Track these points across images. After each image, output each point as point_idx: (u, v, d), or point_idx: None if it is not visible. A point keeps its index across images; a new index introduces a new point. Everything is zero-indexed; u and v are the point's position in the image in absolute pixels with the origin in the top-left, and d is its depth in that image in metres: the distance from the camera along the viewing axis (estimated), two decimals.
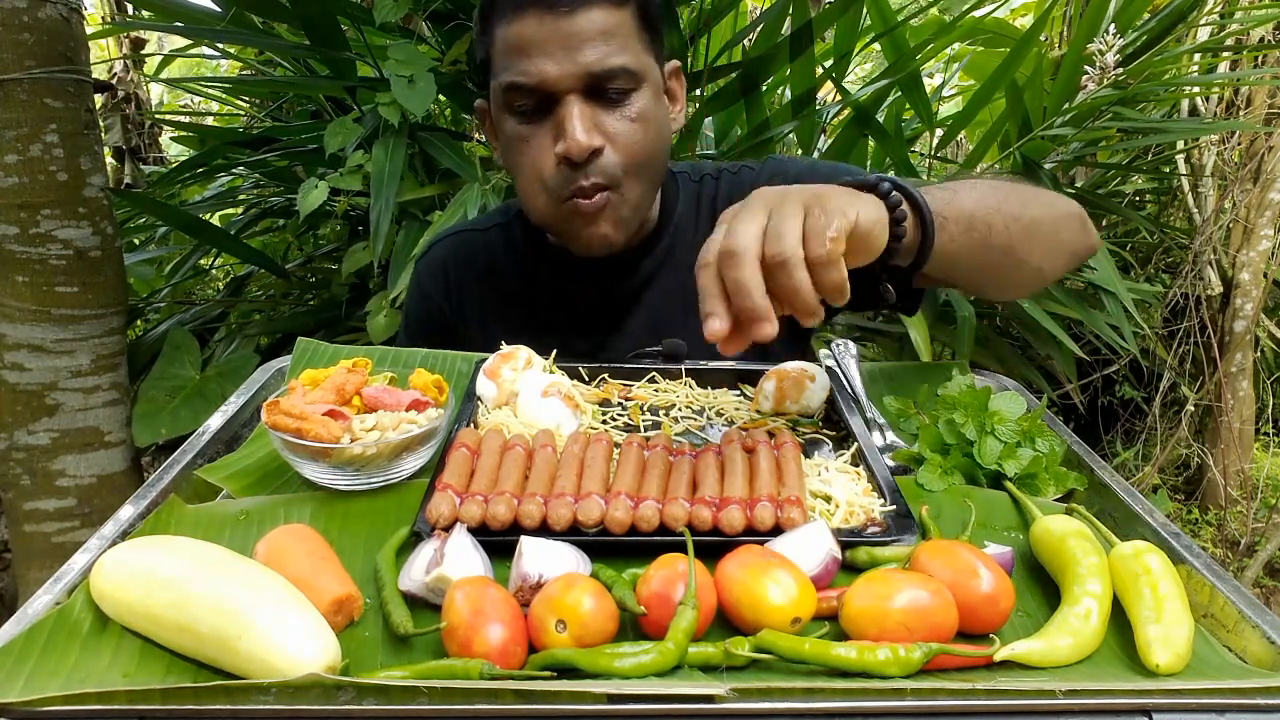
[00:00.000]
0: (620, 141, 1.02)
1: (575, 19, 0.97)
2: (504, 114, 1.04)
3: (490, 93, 1.07)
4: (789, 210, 0.71)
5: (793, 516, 0.72)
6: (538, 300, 1.24)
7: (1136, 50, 2.16)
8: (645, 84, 1.03)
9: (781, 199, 0.73)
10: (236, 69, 3.56)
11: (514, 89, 1.00)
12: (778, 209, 0.71)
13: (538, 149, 1.03)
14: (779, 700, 0.56)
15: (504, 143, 1.08)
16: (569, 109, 0.99)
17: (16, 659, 0.59)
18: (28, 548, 2.11)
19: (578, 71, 0.98)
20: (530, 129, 1.02)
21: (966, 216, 0.89)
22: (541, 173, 1.03)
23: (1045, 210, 0.98)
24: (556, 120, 1.00)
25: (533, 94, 1.00)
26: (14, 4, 1.84)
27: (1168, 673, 0.60)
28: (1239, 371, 2.91)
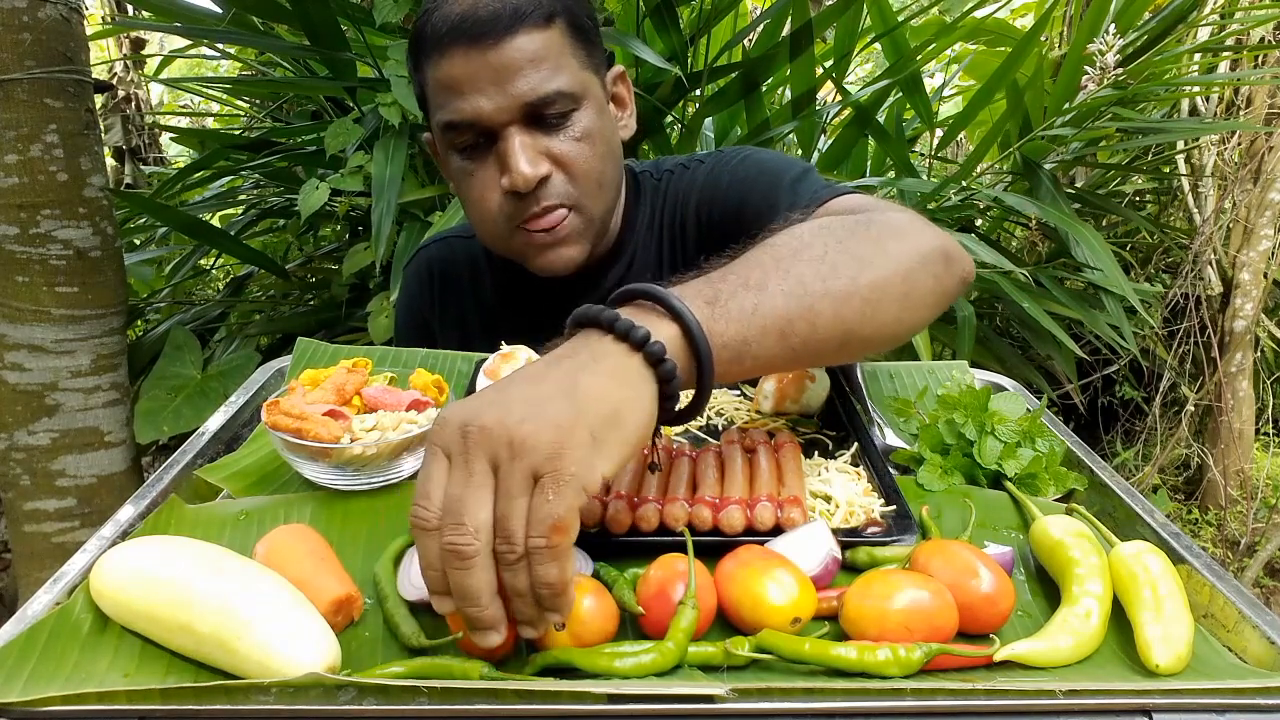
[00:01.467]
0: (568, 164, 0.99)
1: (502, 50, 0.93)
2: (448, 151, 1.03)
3: (434, 129, 1.05)
4: (517, 476, 0.53)
5: (793, 516, 0.72)
6: (509, 308, 1.24)
7: (1137, 50, 2.16)
8: (586, 101, 1.00)
9: (511, 450, 0.53)
10: (237, 69, 3.56)
11: (451, 128, 0.98)
12: (506, 469, 0.53)
13: (483, 183, 1.01)
14: (779, 700, 0.56)
15: (451, 176, 1.07)
16: (509, 142, 0.96)
17: (16, 659, 0.59)
18: (28, 548, 2.11)
19: (512, 105, 0.94)
20: (474, 164, 1.00)
21: (777, 326, 0.66)
22: (490, 206, 1.01)
23: (891, 266, 0.74)
24: (499, 154, 0.98)
25: (470, 130, 0.97)
26: (14, 4, 1.84)
27: (1168, 673, 0.60)
28: (1239, 371, 2.91)
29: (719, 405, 1.03)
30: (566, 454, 0.53)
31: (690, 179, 1.17)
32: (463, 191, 1.05)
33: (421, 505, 0.54)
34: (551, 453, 0.52)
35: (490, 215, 1.02)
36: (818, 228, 0.76)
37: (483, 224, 1.05)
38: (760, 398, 1.00)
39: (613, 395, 0.56)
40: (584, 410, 0.55)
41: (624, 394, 0.57)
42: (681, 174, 1.20)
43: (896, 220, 0.80)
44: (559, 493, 0.52)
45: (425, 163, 2.09)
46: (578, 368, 0.58)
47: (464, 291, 1.27)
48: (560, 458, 0.52)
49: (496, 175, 0.99)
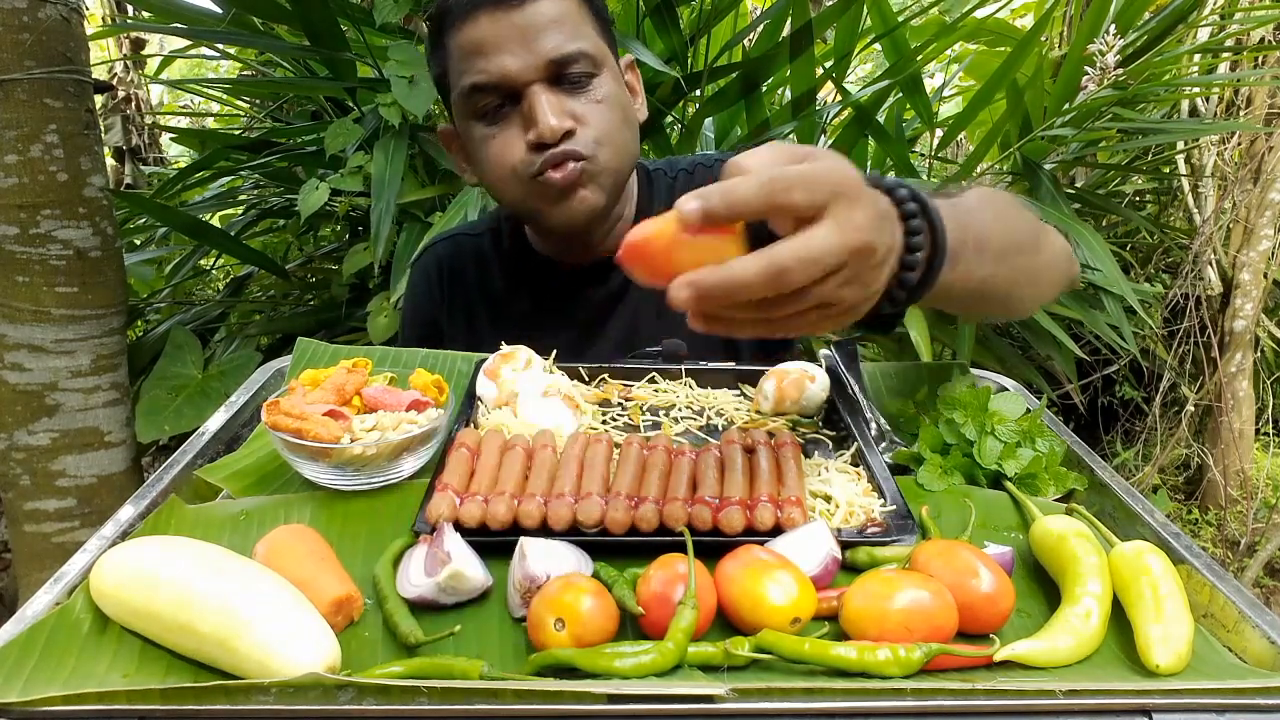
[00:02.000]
0: (590, 122, 1.02)
1: (526, 11, 0.97)
2: (469, 121, 1.04)
3: (453, 106, 1.06)
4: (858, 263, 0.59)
5: (793, 516, 0.72)
6: (517, 307, 1.24)
7: (1137, 51, 2.16)
8: (605, 69, 1.03)
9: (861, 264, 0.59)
10: (237, 70, 3.57)
11: (477, 90, 1.00)
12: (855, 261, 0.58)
13: (505, 142, 1.02)
14: (779, 700, 0.56)
15: (472, 150, 1.08)
16: (535, 98, 0.99)
17: (16, 659, 0.59)
18: (28, 548, 2.11)
19: (538, 61, 0.98)
20: (497, 128, 1.02)
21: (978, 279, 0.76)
22: (511, 161, 1.02)
23: (1049, 254, 0.91)
24: (523, 112, 1.00)
25: (496, 90, 1.00)
26: (14, 4, 1.84)
27: (1168, 673, 0.60)
28: (1239, 371, 2.91)
29: (719, 405, 1.03)
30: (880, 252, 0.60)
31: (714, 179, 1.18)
32: (482, 156, 1.05)
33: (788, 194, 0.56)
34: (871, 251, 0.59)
35: (511, 170, 1.03)
36: (1015, 207, 0.88)
37: (502, 182, 1.05)
38: (760, 398, 1.00)
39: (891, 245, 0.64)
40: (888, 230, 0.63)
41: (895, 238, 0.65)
42: (703, 173, 1.22)
43: (1036, 218, 0.93)
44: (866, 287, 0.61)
45: (425, 163, 2.09)
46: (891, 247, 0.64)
47: (471, 287, 1.27)
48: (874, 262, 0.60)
49: (519, 134, 1.01)
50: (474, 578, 0.66)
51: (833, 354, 1.11)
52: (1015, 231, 0.84)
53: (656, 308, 1.19)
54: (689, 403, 1.03)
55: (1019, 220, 0.86)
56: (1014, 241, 0.83)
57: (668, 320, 1.18)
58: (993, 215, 0.82)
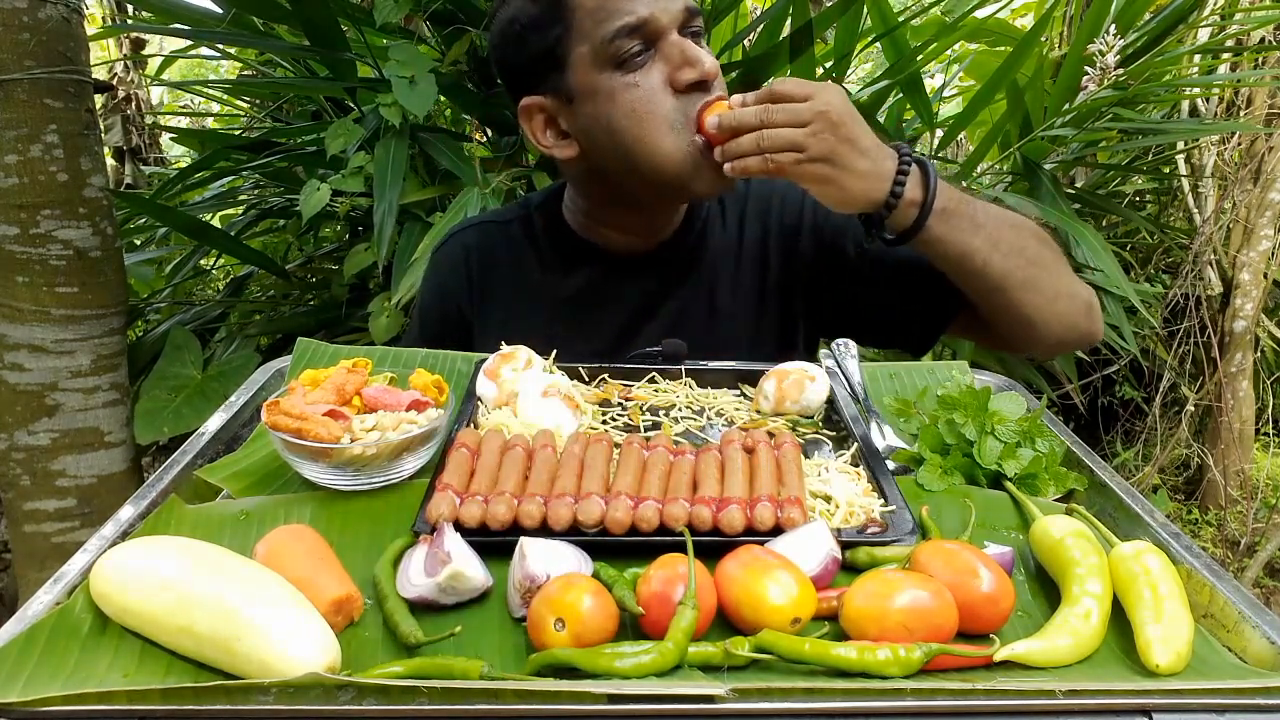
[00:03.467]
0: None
1: None
2: (606, 71, 1.03)
3: (571, 66, 1.05)
4: (821, 123, 0.93)
5: (793, 516, 0.72)
6: (560, 294, 1.23)
7: (1137, 51, 2.16)
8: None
9: (826, 114, 0.92)
10: (237, 70, 3.57)
11: (623, 33, 1.01)
12: (821, 121, 0.92)
13: (649, 90, 1.03)
14: (779, 700, 0.56)
15: (599, 105, 1.05)
16: (682, 42, 1.02)
17: (16, 659, 0.59)
18: (28, 548, 2.11)
19: (677, 8, 1.02)
20: (637, 76, 1.03)
21: (967, 246, 1.00)
22: (663, 110, 1.03)
23: (1057, 278, 1.07)
24: (667, 57, 1.02)
25: (641, 33, 1.01)
26: (14, 4, 1.84)
27: (1168, 673, 0.60)
28: (1239, 371, 2.91)
29: (719, 405, 1.03)
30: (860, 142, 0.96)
31: (782, 184, 1.23)
32: (621, 107, 1.04)
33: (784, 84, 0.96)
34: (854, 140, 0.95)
35: (665, 120, 1.03)
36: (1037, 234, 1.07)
37: (655, 134, 1.04)
38: (760, 398, 1.00)
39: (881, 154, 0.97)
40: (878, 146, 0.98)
41: (885, 155, 0.98)
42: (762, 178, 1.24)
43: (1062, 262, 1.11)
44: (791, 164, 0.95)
45: (425, 163, 2.09)
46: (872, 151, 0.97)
47: (506, 274, 1.26)
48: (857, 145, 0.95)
49: (662, 81, 1.03)
50: (474, 578, 0.66)
51: (833, 354, 1.11)
52: (1019, 238, 1.03)
53: (708, 300, 1.21)
54: (689, 403, 1.03)
55: (1031, 238, 1.05)
56: (1014, 242, 1.02)
57: (719, 300, 1.20)
58: (1000, 216, 1.03)
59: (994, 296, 1.04)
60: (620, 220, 1.19)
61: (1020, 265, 1.02)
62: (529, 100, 1.11)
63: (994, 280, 1.02)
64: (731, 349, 1.14)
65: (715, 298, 1.21)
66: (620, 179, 1.09)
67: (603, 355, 1.14)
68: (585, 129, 1.08)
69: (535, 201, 1.28)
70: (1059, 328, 1.08)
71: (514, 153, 2.14)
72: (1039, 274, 1.04)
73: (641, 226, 1.19)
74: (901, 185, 0.95)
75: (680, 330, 1.15)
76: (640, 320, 1.21)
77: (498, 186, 1.88)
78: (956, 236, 0.99)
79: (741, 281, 1.22)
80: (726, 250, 1.22)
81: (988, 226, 1.01)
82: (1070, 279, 1.09)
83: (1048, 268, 1.05)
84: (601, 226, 1.20)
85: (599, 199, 1.18)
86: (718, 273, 1.21)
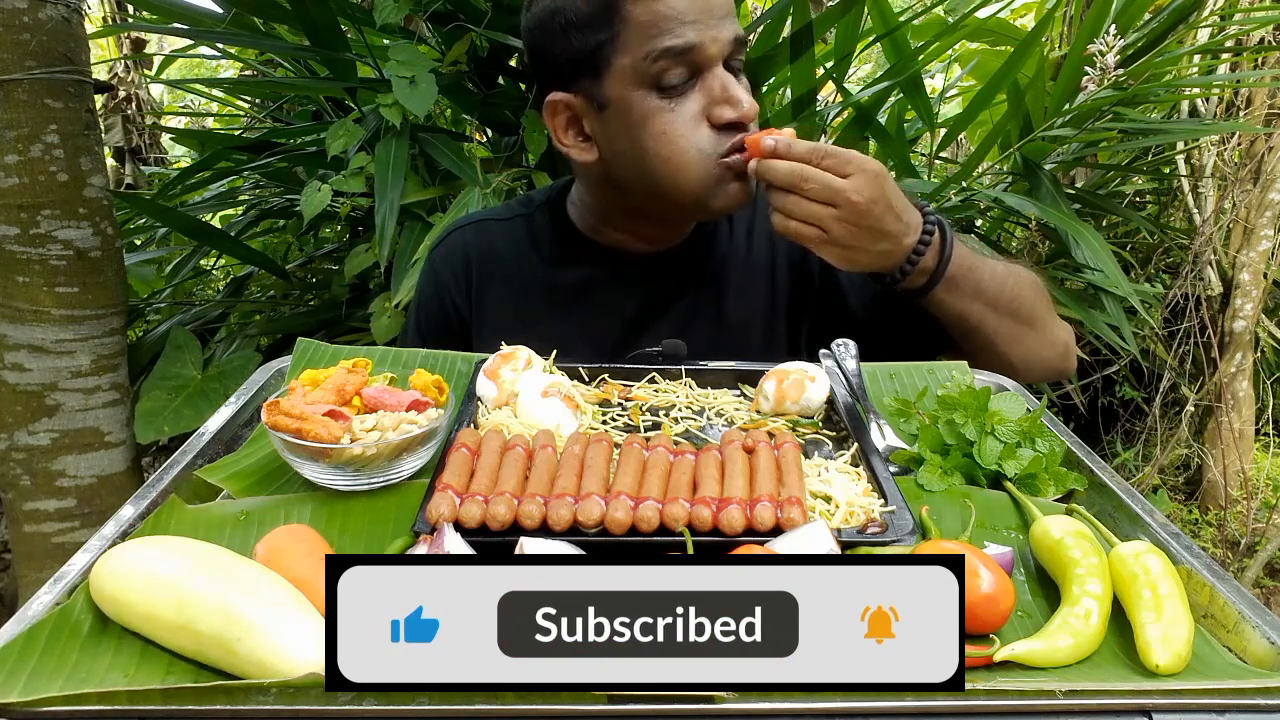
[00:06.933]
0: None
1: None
2: (641, 90, 1.03)
3: (611, 74, 1.03)
4: (851, 211, 0.95)
5: (793, 516, 0.72)
6: (562, 294, 1.22)
7: (1137, 51, 2.16)
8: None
9: (855, 205, 0.95)
10: (237, 70, 3.57)
11: (669, 55, 1.00)
12: (848, 208, 0.95)
13: (684, 118, 1.03)
14: (779, 700, 0.56)
15: (633, 121, 1.05)
16: (726, 78, 1.02)
17: (16, 659, 0.59)
18: (28, 548, 2.11)
19: (726, 39, 1.02)
20: (674, 103, 1.03)
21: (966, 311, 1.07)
22: (695, 141, 1.03)
23: (1042, 333, 1.15)
24: (708, 90, 1.02)
25: (685, 60, 1.01)
26: (14, 4, 1.84)
27: (1168, 673, 0.60)
28: (1239, 372, 2.91)
29: (719, 405, 1.03)
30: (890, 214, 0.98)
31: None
32: (654, 130, 1.04)
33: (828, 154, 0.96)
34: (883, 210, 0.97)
35: (695, 149, 1.03)
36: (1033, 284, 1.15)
37: (683, 161, 1.04)
38: (760, 398, 1.00)
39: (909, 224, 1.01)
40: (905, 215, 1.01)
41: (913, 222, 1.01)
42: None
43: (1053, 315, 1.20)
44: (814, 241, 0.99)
45: (426, 163, 2.09)
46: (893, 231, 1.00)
47: (508, 272, 1.25)
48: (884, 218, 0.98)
49: (697, 112, 1.03)
50: None
51: (833, 354, 1.11)
52: (1016, 299, 1.10)
53: (714, 301, 1.21)
54: (689, 403, 1.03)
55: (1026, 296, 1.12)
56: (1011, 304, 1.10)
57: (724, 307, 1.21)
58: (1004, 279, 1.09)
59: (981, 349, 1.13)
60: (630, 225, 1.19)
61: (1010, 326, 1.10)
62: (557, 96, 1.09)
63: (984, 339, 1.10)
64: (740, 358, 1.13)
65: (722, 304, 1.21)
66: (637, 192, 1.10)
67: (603, 357, 1.13)
68: (610, 139, 1.08)
69: (539, 199, 1.27)
70: (1037, 373, 1.20)
71: (514, 153, 2.14)
72: (1026, 332, 1.12)
73: (651, 233, 1.20)
74: (914, 262, 1.00)
75: (683, 336, 1.15)
76: (642, 323, 1.21)
77: (498, 187, 1.88)
78: (957, 303, 1.06)
79: (749, 293, 1.22)
80: (734, 259, 1.22)
81: (989, 291, 1.07)
82: (1053, 328, 1.17)
83: (1035, 324, 1.13)
84: (609, 228, 1.20)
85: (611, 204, 1.18)
86: (724, 280, 1.21)
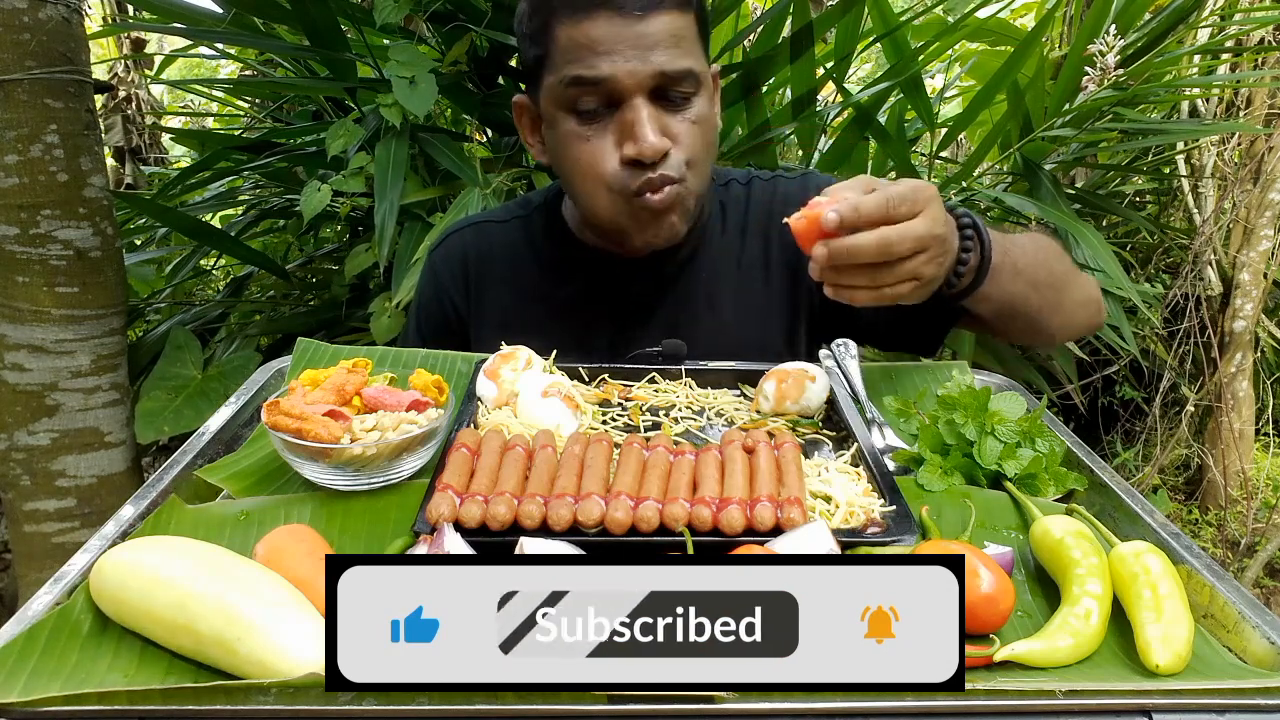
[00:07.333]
0: (683, 142, 1.03)
1: (648, 22, 0.97)
2: (561, 112, 1.04)
3: (543, 89, 1.05)
4: (937, 247, 0.84)
5: (793, 516, 0.72)
6: (558, 296, 1.23)
7: (1137, 51, 2.16)
8: (703, 88, 1.04)
9: (935, 249, 0.84)
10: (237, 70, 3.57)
11: (580, 84, 0.99)
12: (935, 244, 0.83)
13: (598, 148, 1.02)
14: (779, 700, 0.56)
15: (557, 140, 1.06)
16: (638, 112, 0.99)
17: (16, 659, 0.59)
18: (28, 548, 2.11)
19: (649, 72, 0.98)
20: (591, 129, 1.02)
21: (1011, 294, 1.00)
22: (603, 173, 1.02)
23: (1079, 295, 1.10)
24: (622, 122, 1.00)
25: (598, 91, 0.99)
26: (14, 4, 1.84)
27: (1168, 673, 0.60)
28: (1239, 372, 2.91)
29: (719, 405, 1.03)
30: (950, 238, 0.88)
31: (782, 193, 1.23)
32: (570, 154, 1.05)
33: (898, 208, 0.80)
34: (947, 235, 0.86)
35: (603, 182, 1.03)
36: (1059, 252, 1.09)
37: (593, 191, 1.05)
38: (760, 398, 1.00)
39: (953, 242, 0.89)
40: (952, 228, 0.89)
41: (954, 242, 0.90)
42: (765, 186, 1.24)
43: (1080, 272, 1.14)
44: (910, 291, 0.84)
45: (426, 163, 2.09)
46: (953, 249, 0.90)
47: (503, 275, 1.25)
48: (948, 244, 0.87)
49: (613, 143, 1.01)
50: None
51: (833, 354, 1.11)
52: (1049, 268, 1.04)
53: (706, 300, 1.21)
54: (689, 403, 1.03)
55: (1055, 262, 1.06)
56: (1047, 275, 1.04)
57: (717, 308, 1.20)
58: (1034, 251, 1.03)
59: (1023, 329, 1.09)
60: (604, 234, 1.19)
61: (1049, 295, 1.05)
62: (520, 98, 1.13)
63: (1028, 317, 1.05)
64: (736, 358, 1.13)
65: (715, 303, 1.21)
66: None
67: (599, 358, 1.13)
68: (549, 151, 1.11)
69: (536, 201, 1.28)
70: (1073, 334, 1.18)
71: (514, 153, 2.14)
72: (1062, 299, 1.07)
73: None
74: (964, 262, 0.91)
75: (679, 336, 1.15)
76: (637, 325, 1.21)
77: (498, 187, 1.88)
78: (1004, 290, 0.98)
79: (744, 291, 1.21)
80: (726, 257, 1.22)
81: (1026, 270, 1.00)
82: (1083, 286, 1.12)
83: (1069, 288, 1.08)
84: (588, 231, 1.20)
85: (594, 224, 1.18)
86: (717, 279, 1.21)
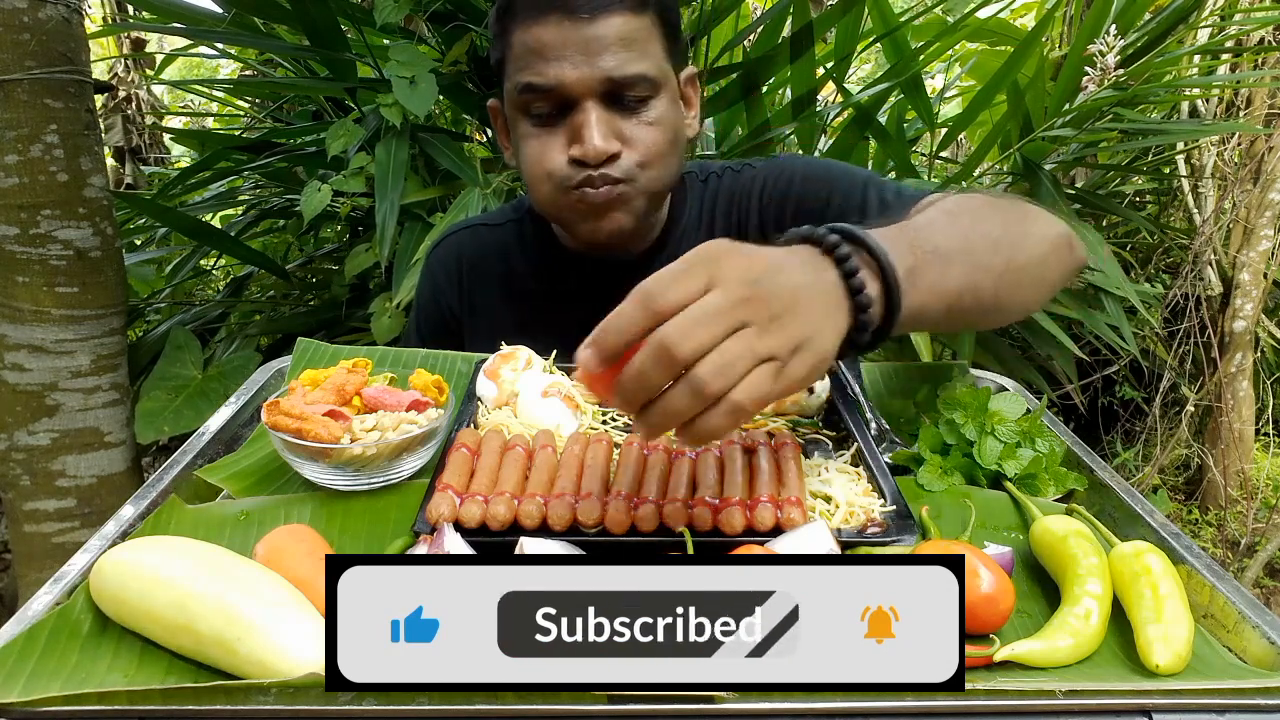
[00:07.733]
0: (635, 146, 1.02)
1: (596, 25, 0.97)
2: (516, 113, 1.05)
3: (504, 93, 1.07)
4: (762, 320, 0.57)
5: (793, 516, 0.72)
6: (547, 299, 1.23)
7: (1137, 51, 2.16)
8: (663, 91, 1.03)
9: (759, 311, 0.57)
10: (237, 70, 3.57)
11: (530, 90, 1.00)
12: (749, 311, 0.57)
13: (549, 146, 1.03)
14: (779, 700, 0.56)
15: (517, 141, 1.08)
16: (586, 115, 0.99)
17: (16, 659, 0.59)
18: (28, 548, 2.11)
19: (597, 77, 0.98)
20: (543, 131, 1.03)
21: (947, 301, 0.73)
22: (551, 168, 1.03)
23: (1035, 249, 0.84)
24: (572, 125, 1.00)
25: (549, 97, 1.00)
26: (14, 4, 1.84)
27: (1168, 673, 0.60)
28: (1239, 372, 2.91)
29: None
30: (798, 318, 0.58)
31: (747, 180, 1.21)
32: (522, 151, 1.06)
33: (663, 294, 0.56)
34: (789, 320, 0.58)
35: (549, 176, 1.03)
36: (988, 205, 0.84)
37: (537, 182, 1.06)
38: None
39: (827, 312, 0.62)
40: (811, 295, 0.60)
41: (832, 308, 0.62)
42: (734, 177, 1.23)
43: (1031, 207, 0.90)
44: (773, 380, 0.57)
45: (426, 163, 2.09)
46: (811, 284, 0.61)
47: (494, 278, 1.26)
48: (793, 331, 0.58)
49: (563, 144, 1.02)
50: None
51: None
52: (984, 233, 0.78)
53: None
54: None
55: (990, 221, 0.81)
56: (985, 242, 0.78)
57: None
58: (955, 224, 0.78)
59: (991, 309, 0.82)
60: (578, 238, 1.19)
61: (1000, 263, 0.78)
62: (493, 102, 1.14)
63: (993, 300, 0.79)
64: None
65: None
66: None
67: None
68: (513, 150, 1.11)
69: (528, 204, 1.28)
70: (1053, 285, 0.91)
71: None
72: (1019, 257, 0.81)
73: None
74: (861, 290, 0.63)
75: None
76: None
77: (498, 187, 1.88)
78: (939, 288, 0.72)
79: None
80: None
81: (958, 251, 0.75)
82: (1044, 226, 0.88)
83: (1023, 242, 0.83)
84: (572, 237, 1.20)
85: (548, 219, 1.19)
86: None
